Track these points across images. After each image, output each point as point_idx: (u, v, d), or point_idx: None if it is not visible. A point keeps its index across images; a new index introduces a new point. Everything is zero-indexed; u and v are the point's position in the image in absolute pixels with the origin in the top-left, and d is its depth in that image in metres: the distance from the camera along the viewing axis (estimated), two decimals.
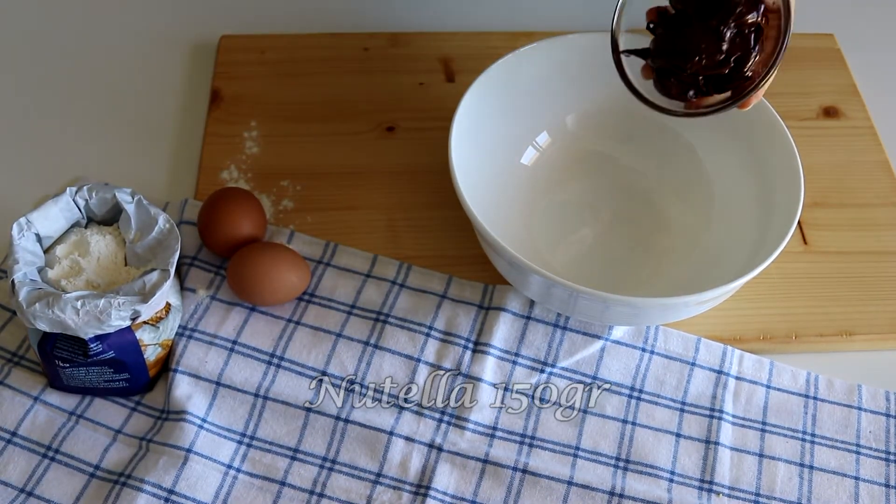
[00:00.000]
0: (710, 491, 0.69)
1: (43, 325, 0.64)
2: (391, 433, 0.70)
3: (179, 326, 0.73)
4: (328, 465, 0.69)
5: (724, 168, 0.79)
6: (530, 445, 0.70)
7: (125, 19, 0.97)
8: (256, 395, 0.71)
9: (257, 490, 0.68)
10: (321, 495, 0.67)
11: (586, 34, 0.78)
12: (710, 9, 0.65)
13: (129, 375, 0.69)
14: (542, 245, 0.79)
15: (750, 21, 0.65)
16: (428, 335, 0.74)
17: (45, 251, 0.69)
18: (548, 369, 0.74)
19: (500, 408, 0.72)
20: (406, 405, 0.71)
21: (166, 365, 0.72)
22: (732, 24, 0.65)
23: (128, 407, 0.71)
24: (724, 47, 0.65)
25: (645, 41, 0.67)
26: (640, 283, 0.76)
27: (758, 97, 0.66)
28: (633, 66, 0.69)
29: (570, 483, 0.68)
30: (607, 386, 0.73)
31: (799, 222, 0.77)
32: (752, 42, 0.65)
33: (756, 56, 0.65)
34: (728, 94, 0.66)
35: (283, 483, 0.68)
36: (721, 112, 0.67)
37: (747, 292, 0.74)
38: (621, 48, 0.68)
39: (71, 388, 0.70)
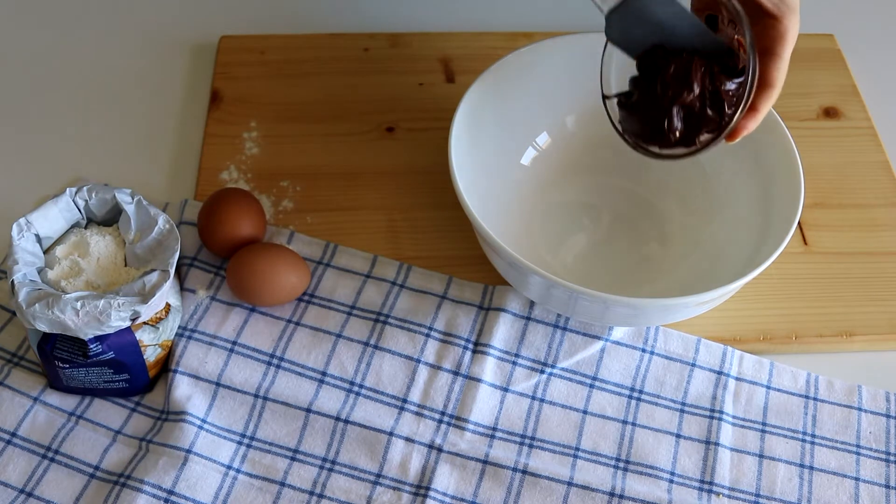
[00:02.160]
0: (710, 492, 0.69)
1: (43, 326, 0.64)
2: (391, 434, 0.70)
3: (179, 327, 0.73)
4: (328, 465, 0.69)
5: (724, 168, 0.79)
6: (530, 446, 0.70)
7: (125, 19, 0.97)
8: (256, 396, 0.71)
9: (257, 491, 0.68)
10: (321, 496, 0.67)
11: (586, 34, 0.78)
12: (652, 96, 0.66)
13: (129, 376, 0.69)
14: (541, 245, 0.79)
15: (689, 99, 0.65)
16: (428, 336, 0.74)
17: (45, 252, 0.69)
18: (548, 370, 0.74)
19: (500, 408, 0.72)
20: (406, 406, 0.71)
21: (166, 365, 0.72)
22: (675, 109, 0.65)
23: (127, 407, 0.71)
24: (677, 127, 0.66)
25: None
26: (639, 284, 0.76)
27: (747, 129, 0.66)
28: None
29: (569, 484, 0.68)
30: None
31: (799, 223, 0.77)
32: (711, 107, 0.65)
33: (732, 104, 0.65)
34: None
35: (282, 484, 0.68)
36: (703, 152, 0.67)
37: (747, 293, 0.74)
38: (607, 93, 0.69)
39: (71, 388, 0.70)
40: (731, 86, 0.65)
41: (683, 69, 0.65)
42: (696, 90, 0.65)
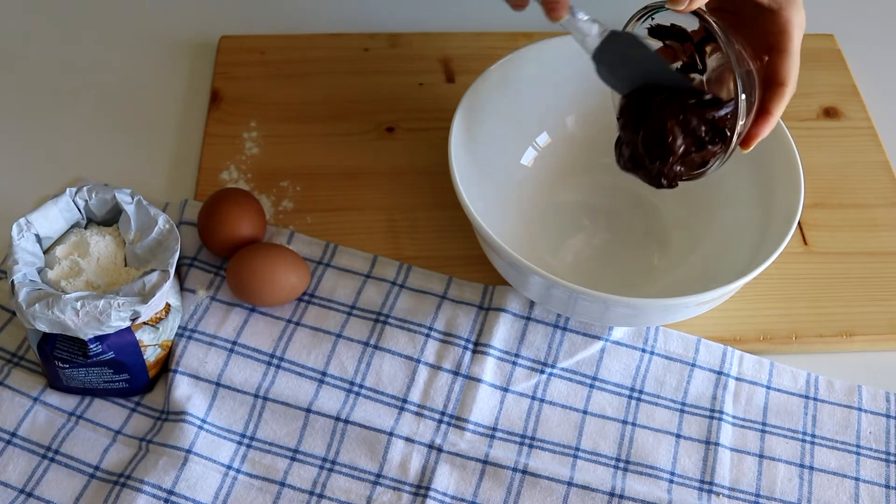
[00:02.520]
0: (710, 492, 0.69)
1: (42, 326, 0.64)
2: (391, 434, 0.70)
3: (179, 327, 0.73)
4: (328, 465, 0.69)
5: (724, 168, 0.78)
6: (530, 446, 0.70)
7: (125, 19, 0.97)
8: (256, 396, 0.71)
9: (257, 491, 0.68)
10: (321, 496, 0.67)
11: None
12: (639, 157, 0.68)
13: (129, 376, 0.69)
14: (541, 246, 0.79)
15: (677, 159, 0.66)
16: (428, 336, 0.74)
17: (45, 252, 0.69)
18: (548, 370, 0.74)
19: (500, 408, 0.72)
20: (406, 406, 0.71)
21: (166, 365, 0.72)
22: (667, 169, 0.67)
23: (127, 407, 0.71)
24: (678, 174, 0.67)
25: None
26: (639, 284, 0.76)
27: (762, 134, 0.66)
28: None
29: (569, 484, 0.68)
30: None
31: (799, 223, 0.77)
32: (711, 141, 0.65)
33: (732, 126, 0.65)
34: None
35: (282, 484, 0.68)
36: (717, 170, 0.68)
37: (747, 293, 0.74)
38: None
39: (71, 388, 0.70)
40: (725, 110, 0.65)
41: (658, 133, 0.65)
42: (681, 149, 0.65)
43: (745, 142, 0.66)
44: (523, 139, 0.82)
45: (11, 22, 0.96)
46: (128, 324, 0.66)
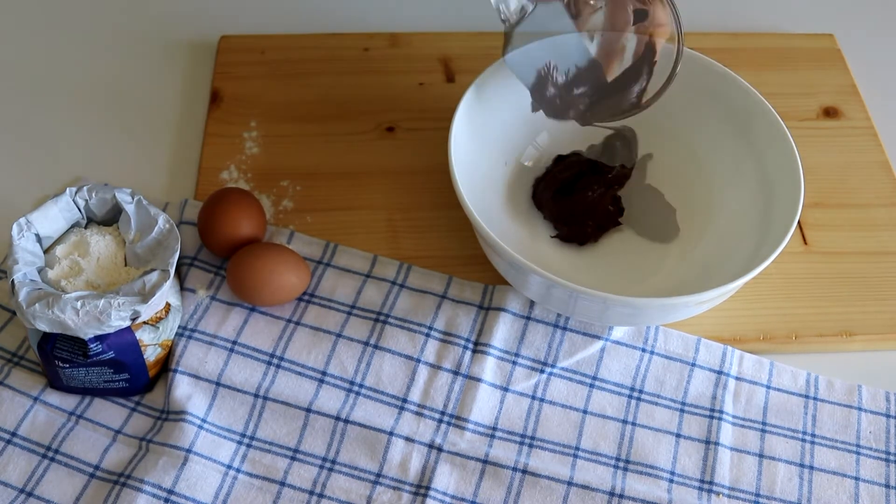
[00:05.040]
0: (710, 491, 0.69)
1: (43, 326, 0.64)
2: (391, 433, 0.70)
3: (179, 327, 0.73)
4: (328, 465, 0.69)
5: (724, 168, 0.79)
6: (530, 446, 0.70)
7: (125, 19, 0.97)
8: (256, 396, 0.71)
9: (257, 490, 0.68)
10: (321, 496, 0.67)
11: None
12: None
13: (129, 376, 0.69)
14: (541, 245, 0.79)
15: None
16: (428, 335, 0.74)
17: (45, 251, 0.69)
18: (548, 370, 0.74)
19: (500, 408, 0.72)
20: (406, 405, 0.71)
21: (166, 365, 0.72)
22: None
23: (128, 407, 0.71)
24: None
25: None
26: (639, 283, 0.76)
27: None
28: None
29: (569, 483, 0.68)
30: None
31: (799, 222, 0.77)
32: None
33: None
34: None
35: (282, 483, 0.68)
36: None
37: (747, 292, 0.74)
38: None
39: (71, 388, 0.70)
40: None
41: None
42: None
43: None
44: (523, 139, 0.82)
45: (11, 22, 0.96)
46: (128, 323, 0.66)
